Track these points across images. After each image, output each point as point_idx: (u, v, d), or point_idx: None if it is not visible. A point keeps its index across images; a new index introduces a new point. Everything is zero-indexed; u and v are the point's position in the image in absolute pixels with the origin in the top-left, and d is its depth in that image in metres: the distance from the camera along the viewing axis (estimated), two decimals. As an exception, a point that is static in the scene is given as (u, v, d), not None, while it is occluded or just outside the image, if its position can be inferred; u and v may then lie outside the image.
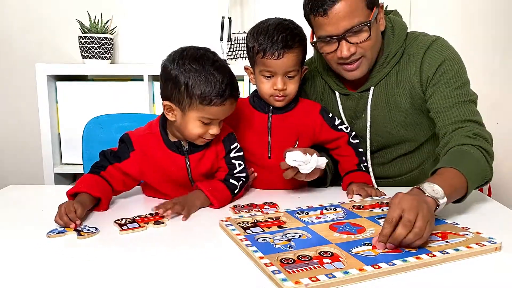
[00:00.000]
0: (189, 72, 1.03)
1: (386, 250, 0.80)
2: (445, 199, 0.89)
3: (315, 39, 1.19)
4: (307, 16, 1.17)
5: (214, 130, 1.08)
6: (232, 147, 1.17)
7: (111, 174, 1.11)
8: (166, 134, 1.13)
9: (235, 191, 1.14)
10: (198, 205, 1.08)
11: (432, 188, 0.89)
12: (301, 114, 1.25)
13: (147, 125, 1.17)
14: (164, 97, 1.08)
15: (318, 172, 1.16)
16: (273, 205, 1.08)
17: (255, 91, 1.28)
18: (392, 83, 1.24)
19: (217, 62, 1.06)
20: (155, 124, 1.15)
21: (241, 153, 1.19)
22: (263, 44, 1.15)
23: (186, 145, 1.13)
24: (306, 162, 1.09)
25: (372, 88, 1.26)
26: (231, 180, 1.14)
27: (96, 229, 0.94)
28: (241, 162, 1.18)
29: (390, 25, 1.24)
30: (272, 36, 1.14)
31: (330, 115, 1.27)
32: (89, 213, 1.04)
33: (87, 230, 0.93)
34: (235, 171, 1.16)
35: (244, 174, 1.17)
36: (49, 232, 0.92)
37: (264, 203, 1.09)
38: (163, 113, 1.11)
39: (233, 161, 1.17)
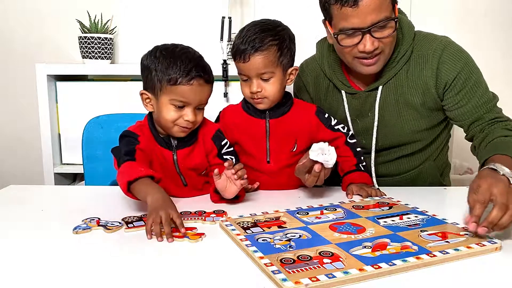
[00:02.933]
0: (159, 58, 1.10)
1: (478, 230, 0.82)
2: None
3: (335, 30, 1.15)
4: (327, 5, 1.13)
5: (188, 116, 1.09)
6: (222, 143, 1.21)
7: (140, 156, 1.10)
8: (155, 130, 1.17)
9: None
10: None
11: (505, 170, 0.92)
12: (297, 116, 1.25)
13: (137, 124, 1.19)
14: (143, 89, 1.14)
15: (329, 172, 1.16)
16: (222, 213, 1.04)
17: None
18: (402, 83, 1.24)
19: (186, 49, 1.12)
20: (144, 122, 1.19)
21: (232, 148, 1.22)
22: (234, 48, 1.17)
23: (174, 140, 1.16)
24: (329, 153, 1.08)
25: (380, 87, 1.25)
26: None
27: (120, 223, 0.97)
28: (233, 157, 1.21)
29: (398, 25, 1.23)
30: (241, 39, 1.16)
31: (326, 115, 1.27)
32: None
33: (111, 224, 0.96)
34: None
35: None
36: (75, 228, 0.93)
37: (214, 211, 1.05)
38: (149, 112, 1.17)
39: (225, 156, 1.20)
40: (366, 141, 1.31)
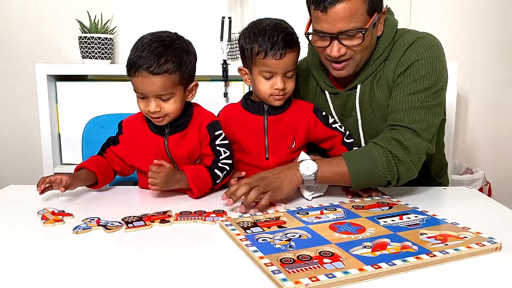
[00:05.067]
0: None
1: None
2: (312, 177, 1.09)
3: (310, 30, 1.19)
4: (308, 5, 1.16)
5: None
6: (216, 133, 1.21)
7: (109, 155, 1.24)
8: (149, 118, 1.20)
9: (217, 181, 1.19)
10: (177, 187, 1.15)
11: (307, 166, 1.09)
12: (295, 114, 1.26)
13: (139, 112, 1.24)
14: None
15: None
16: (222, 213, 1.03)
17: (247, 94, 1.30)
18: (374, 81, 1.24)
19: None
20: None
21: (227, 141, 1.22)
22: (264, 45, 1.16)
23: (168, 126, 1.19)
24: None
25: (359, 86, 1.26)
26: (215, 170, 1.18)
27: (120, 223, 0.97)
28: (227, 150, 1.21)
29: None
30: (272, 37, 1.15)
31: (324, 113, 1.28)
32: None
33: (111, 224, 0.96)
34: (221, 157, 1.20)
35: (229, 162, 1.21)
36: (75, 228, 0.93)
37: (214, 211, 1.04)
38: None
39: (218, 148, 1.21)
40: (355, 141, 1.31)
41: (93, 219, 0.98)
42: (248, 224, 0.94)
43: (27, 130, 2.36)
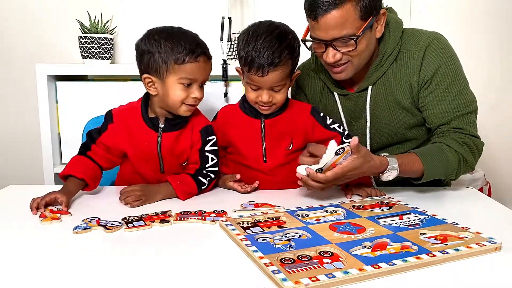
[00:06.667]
0: (159, 41, 1.12)
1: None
2: (395, 173, 1.11)
3: (308, 37, 1.19)
4: (305, 12, 1.16)
5: (195, 93, 1.13)
6: (208, 138, 1.22)
7: (96, 152, 1.20)
8: (146, 110, 1.20)
9: (203, 187, 1.19)
10: (160, 198, 1.15)
11: (394, 166, 1.10)
12: (293, 116, 1.26)
13: (131, 102, 1.24)
14: (142, 73, 1.15)
15: None
16: (222, 213, 1.03)
17: (244, 96, 1.29)
18: (390, 81, 1.25)
19: (182, 29, 1.16)
20: (138, 100, 1.22)
21: (216, 147, 1.23)
22: (249, 59, 1.13)
23: (162, 122, 1.19)
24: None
25: (370, 88, 1.26)
26: (199, 177, 1.19)
27: (120, 223, 0.97)
28: (214, 157, 1.22)
29: (385, 23, 1.23)
30: (258, 51, 1.12)
31: (322, 114, 1.28)
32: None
33: (111, 224, 0.96)
34: (207, 165, 1.21)
35: (215, 169, 1.22)
36: (75, 228, 0.93)
37: (214, 211, 1.04)
38: (146, 92, 1.19)
39: (207, 154, 1.21)
40: (361, 142, 1.31)
41: (93, 219, 0.98)
42: (248, 224, 0.94)
43: (27, 130, 2.35)
